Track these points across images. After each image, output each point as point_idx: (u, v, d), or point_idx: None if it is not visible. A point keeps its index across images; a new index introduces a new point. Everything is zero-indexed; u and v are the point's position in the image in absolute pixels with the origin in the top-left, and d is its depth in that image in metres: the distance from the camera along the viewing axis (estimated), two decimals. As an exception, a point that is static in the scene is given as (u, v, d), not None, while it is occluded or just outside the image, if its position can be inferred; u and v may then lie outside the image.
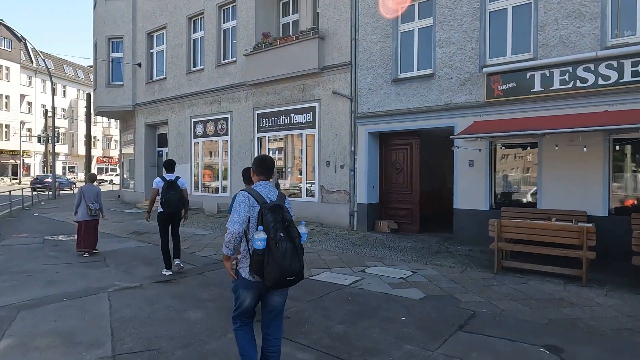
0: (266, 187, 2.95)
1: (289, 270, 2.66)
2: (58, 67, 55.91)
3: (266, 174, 3.04)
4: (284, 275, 2.65)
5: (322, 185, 11.43)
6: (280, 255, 2.62)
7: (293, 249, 2.70)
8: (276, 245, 2.63)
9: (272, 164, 3.10)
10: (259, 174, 3.05)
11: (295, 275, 2.71)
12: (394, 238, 9.86)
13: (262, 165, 3.05)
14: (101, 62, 17.64)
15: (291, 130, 12.27)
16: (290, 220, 2.83)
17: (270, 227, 2.67)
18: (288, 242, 2.68)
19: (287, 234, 2.72)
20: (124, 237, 10.38)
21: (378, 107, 10.37)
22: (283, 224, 2.74)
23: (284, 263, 2.63)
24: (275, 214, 2.74)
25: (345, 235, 10.17)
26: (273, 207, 2.76)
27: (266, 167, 3.05)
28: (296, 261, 2.70)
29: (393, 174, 10.85)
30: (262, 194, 2.86)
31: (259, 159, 3.10)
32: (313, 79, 11.63)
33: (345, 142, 10.99)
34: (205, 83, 14.61)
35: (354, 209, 10.83)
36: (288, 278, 2.68)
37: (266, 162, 3.07)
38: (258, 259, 2.67)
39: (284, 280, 2.67)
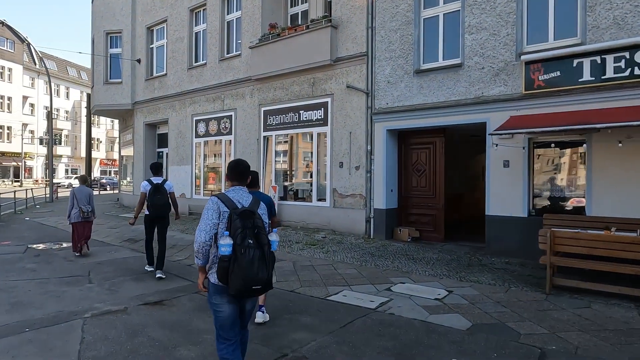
0: (239, 192, 2.87)
1: (255, 278, 2.57)
2: (61, 68, 55.41)
3: (239, 179, 2.93)
4: (250, 284, 2.57)
5: (335, 188, 10.40)
6: (246, 262, 2.54)
7: (261, 257, 2.61)
8: (242, 252, 2.55)
9: (245, 169, 2.97)
10: (232, 179, 2.94)
11: (262, 284, 2.62)
12: (417, 248, 8.79)
13: (234, 170, 2.95)
14: (99, 58, 16.75)
15: (300, 129, 11.26)
16: (262, 227, 2.71)
17: (238, 232, 2.59)
18: (256, 250, 2.59)
19: (256, 241, 2.62)
20: (116, 245, 9.40)
21: (398, 101, 9.33)
22: (253, 231, 2.64)
23: (250, 271, 2.55)
24: (245, 219, 2.65)
25: (361, 244, 9.12)
26: (243, 212, 2.67)
27: (238, 173, 2.94)
28: (264, 269, 2.61)
29: (414, 177, 9.80)
30: (233, 199, 2.78)
31: (233, 163, 3.00)
32: (325, 72, 10.63)
33: (360, 140, 9.96)
34: (207, 79, 13.65)
35: (370, 214, 9.78)
36: (254, 287, 2.59)
37: (239, 167, 2.96)
38: (223, 266, 2.59)
39: (249, 289, 2.59)
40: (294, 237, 9.95)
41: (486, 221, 8.21)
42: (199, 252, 2.73)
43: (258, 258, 2.59)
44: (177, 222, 10.25)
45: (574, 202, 7.64)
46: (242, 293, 2.62)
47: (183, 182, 14.37)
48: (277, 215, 11.48)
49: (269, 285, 2.70)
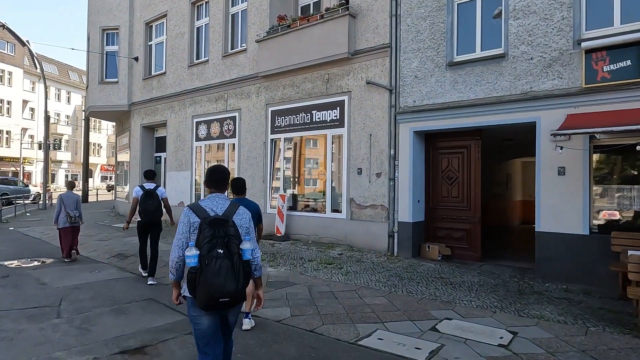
0: (215, 200, 2.75)
1: (222, 290, 2.41)
2: (62, 72, 54.68)
3: (217, 187, 2.82)
4: (216, 296, 2.42)
5: (353, 197, 9.17)
6: (212, 273, 2.41)
7: (230, 267, 2.45)
8: (207, 263, 2.42)
9: (223, 177, 2.85)
10: (209, 186, 2.82)
11: (230, 296, 2.45)
12: (451, 269, 7.53)
13: (212, 177, 2.83)
14: (94, 57, 15.64)
15: (313, 131, 10.05)
16: (234, 235, 2.55)
17: (205, 242, 2.46)
18: (225, 259, 2.45)
19: (226, 250, 2.48)
20: (103, 262, 8.18)
21: (427, 99, 8.12)
22: (224, 239, 2.50)
23: (216, 282, 2.40)
24: (215, 228, 2.51)
25: (384, 264, 7.87)
26: (213, 221, 2.54)
27: (215, 180, 2.82)
28: (232, 280, 2.44)
29: (444, 185, 8.56)
30: (206, 207, 2.67)
31: (210, 170, 2.89)
32: (341, 67, 9.44)
33: (382, 144, 8.74)
34: (209, 77, 12.49)
35: (393, 228, 8.53)
36: (221, 299, 2.43)
37: (217, 174, 2.85)
38: (191, 278, 2.46)
39: (215, 301, 2.44)
40: (305, 254, 8.70)
41: (537, 239, 6.94)
42: (173, 268, 2.65)
43: (226, 269, 2.44)
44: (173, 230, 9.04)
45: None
46: (208, 306, 2.49)
47: (182, 190, 13.17)
48: (286, 228, 10.27)
49: (240, 297, 2.55)
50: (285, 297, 5.86)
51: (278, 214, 10.28)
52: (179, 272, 2.66)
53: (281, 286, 6.38)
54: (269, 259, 8.33)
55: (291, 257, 8.50)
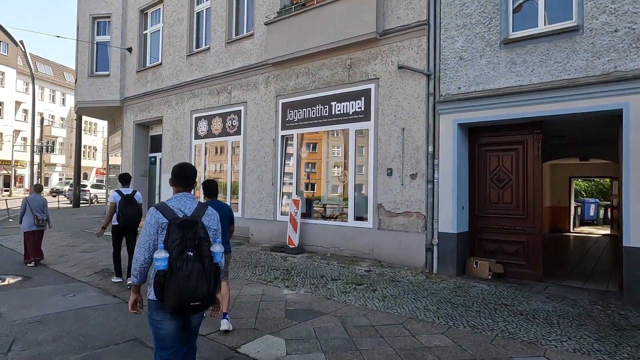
0: (182, 199, 2.63)
1: (193, 294, 2.33)
2: (57, 74, 53.28)
3: (184, 185, 2.69)
4: (187, 300, 2.33)
5: (381, 203, 7.75)
6: (183, 277, 2.31)
7: (201, 271, 2.37)
8: (178, 266, 2.32)
9: (190, 174, 2.72)
10: (175, 184, 2.69)
11: (201, 300, 2.38)
12: (510, 291, 6.10)
13: (178, 175, 2.70)
14: (83, 48, 14.24)
15: (332, 125, 8.65)
16: (204, 237, 2.47)
17: (175, 245, 2.35)
18: (196, 263, 2.36)
19: (197, 253, 2.39)
20: (82, 280, 6.72)
21: (475, 84, 6.75)
22: (194, 242, 2.41)
23: (188, 286, 2.31)
24: (184, 230, 2.41)
25: (425, 284, 6.45)
26: (183, 222, 2.43)
27: (182, 178, 2.69)
28: (203, 284, 2.37)
29: (493, 189, 7.16)
30: (174, 207, 2.54)
31: (177, 167, 2.75)
32: (367, 50, 8.07)
33: (418, 139, 7.35)
34: (211, 67, 11.10)
35: (433, 240, 7.11)
36: (192, 303, 2.35)
37: (183, 172, 2.71)
38: (159, 281, 2.34)
39: (186, 305, 2.35)
40: (326, 271, 7.27)
41: (625, 256, 5.53)
42: (136, 271, 2.48)
43: (197, 272, 2.35)
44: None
45: None
46: (179, 310, 2.38)
47: (179, 194, 11.71)
48: (299, 238, 8.85)
49: (211, 300, 2.48)
50: (314, 334, 4.43)
51: (290, 222, 8.86)
52: (143, 275, 2.52)
53: (305, 317, 4.95)
54: (283, 276, 6.91)
55: (309, 274, 7.07)
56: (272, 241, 9.40)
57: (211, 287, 2.42)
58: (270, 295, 5.90)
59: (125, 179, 6.72)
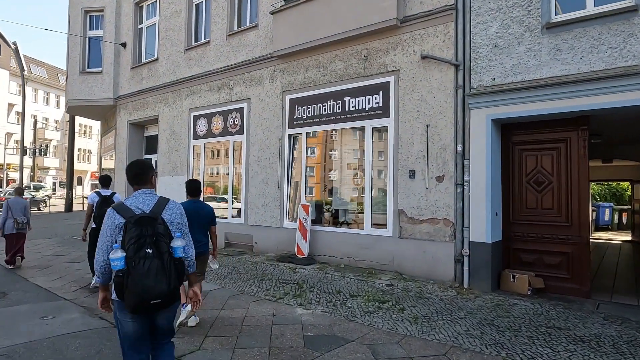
0: (140, 196, 2.59)
1: (153, 292, 2.29)
2: (52, 75, 52.29)
3: (137, 182, 2.66)
4: (146, 298, 2.29)
5: (402, 209, 6.96)
6: (141, 275, 2.28)
7: (160, 267, 2.34)
8: (134, 264, 2.30)
9: (138, 171, 2.68)
10: (131, 183, 2.68)
11: (162, 297, 2.33)
12: (558, 311, 5.30)
13: (128, 172, 2.71)
14: (74, 44, 13.41)
15: (346, 123, 7.86)
16: (162, 233, 2.43)
17: (131, 243, 2.33)
18: (155, 259, 2.33)
19: (156, 250, 2.36)
20: (65, 297, 5.88)
21: (512, 75, 5.98)
22: (152, 238, 2.38)
23: (146, 284, 2.28)
24: (141, 227, 2.38)
25: (458, 301, 5.65)
26: (139, 219, 2.40)
27: (131, 176, 2.68)
28: (163, 281, 2.33)
29: (530, 193, 6.37)
30: (131, 205, 2.51)
31: (129, 165, 2.78)
32: (386, 39, 7.30)
33: (445, 137, 6.57)
34: (211, 61, 10.31)
35: (463, 250, 6.31)
36: (152, 301, 2.31)
37: (130, 170, 2.70)
38: (118, 281, 2.33)
39: (146, 304, 2.31)
40: (342, 285, 6.46)
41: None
42: (99, 272, 2.48)
43: (156, 269, 2.32)
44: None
45: None
46: (138, 309, 2.35)
47: (176, 197, 10.78)
48: (310, 247, 8.04)
49: (173, 297, 2.42)
50: None
51: (299, 230, 8.04)
52: (106, 275, 2.47)
53: (328, 346, 4.13)
54: (295, 292, 6.09)
55: (324, 289, 6.26)
56: (279, 250, 8.58)
57: (172, 284, 2.37)
58: (283, 316, 5.08)
59: (106, 180, 6.72)
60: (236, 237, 9.51)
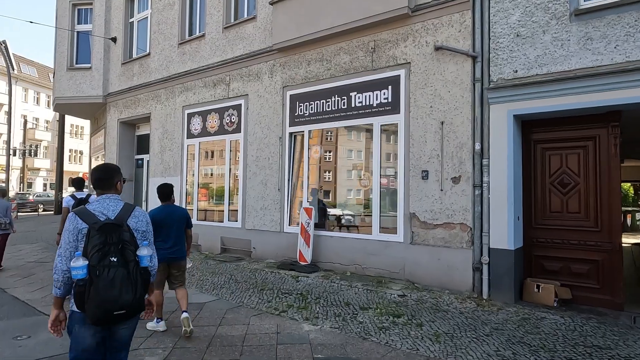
0: (105, 201, 2.44)
1: (117, 302, 2.17)
2: (42, 75, 51.29)
3: (100, 187, 2.50)
4: (110, 309, 2.17)
5: (414, 212, 6.44)
6: (105, 285, 2.14)
7: (126, 276, 2.21)
8: (98, 273, 2.15)
9: (100, 175, 2.51)
10: (94, 187, 2.54)
11: (127, 308, 2.21)
12: (592, 325, 4.81)
13: (92, 177, 2.57)
14: (62, 38, 12.78)
15: (352, 120, 7.33)
16: (128, 241, 2.31)
17: (94, 251, 2.18)
18: (120, 268, 2.20)
19: (122, 258, 2.24)
20: (44, 312, 5.28)
21: (537, 66, 5.48)
22: (118, 246, 2.25)
23: (110, 294, 2.15)
24: (106, 234, 2.24)
25: (480, 315, 5.14)
26: (104, 226, 2.26)
27: (95, 180, 2.51)
28: (129, 291, 2.22)
29: (554, 195, 5.88)
30: (95, 211, 2.35)
31: (93, 168, 2.69)
32: (395, 30, 6.78)
33: (462, 135, 6.07)
34: (206, 56, 9.74)
35: (482, 258, 5.80)
36: (116, 312, 2.18)
37: (92, 175, 2.57)
38: (79, 291, 2.17)
39: (109, 315, 2.18)
40: (350, 295, 5.92)
41: None
42: (59, 282, 2.26)
43: (121, 278, 2.19)
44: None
45: None
46: (101, 321, 2.21)
47: (169, 201, 10.27)
48: (313, 254, 7.51)
49: (138, 307, 2.30)
50: None
51: (301, 235, 7.50)
52: (67, 286, 2.28)
53: (344, 373, 3.60)
54: (299, 303, 5.56)
55: (330, 300, 5.72)
56: (279, 256, 8.03)
57: (138, 294, 2.27)
58: (288, 333, 4.54)
59: (79, 183, 6.56)
60: (233, 242, 8.95)
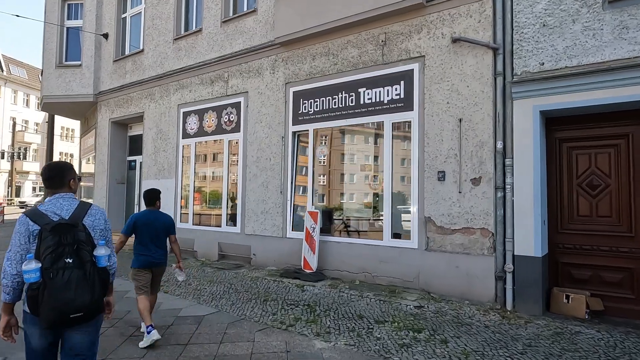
0: (57, 201, 2.33)
1: (73, 305, 2.07)
2: (32, 77, 50.36)
3: (50, 186, 2.40)
4: (65, 312, 2.06)
5: (430, 216, 5.98)
6: (60, 287, 2.05)
7: (82, 278, 2.12)
8: (52, 276, 2.06)
9: (51, 174, 2.41)
10: (46, 187, 2.45)
11: (84, 310, 2.11)
12: (634, 341, 4.37)
13: (43, 176, 2.43)
14: (50, 35, 12.22)
15: (360, 117, 6.88)
16: (84, 241, 2.19)
17: (47, 253, 2.08)
18: (76, 270, 2.10)
19: (77, 259, 2.14)
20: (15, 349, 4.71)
21: (566, 58, 5.07)
22: (73, 247, 2.14)
23: (66, 297, 2.06)
24: (60, 235, 2.13)
25: (507, 329, 4.68)
26: (57, 227, 2.15)
27: (44, 180, 2.42)
28: (85, 292, 2.12)
29: (582, 197, 5.45)
30: (47, 211, 2.25)
31: (43, 167, 2.52)
32: (408, 21, 6.35)
33: (482, 133, 5.63)
34: (203, 52, 9.25)
35: (506, 266, 5.36)
36: (73, 315, 2.09)
37: (43, 173, 2.42)
38: (32, 295, 2.09)
39: (65, 318, 2.08)
40: (363, 307, 5.44)
41: None
42: (7, 287, 2.16)
43: (77, 279, 2.09)
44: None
45: None
46: (57, 324, 2.11)
47: (163, 204, 9.68)
48: (319, 260, 7.02)
49: (97, 309, 2.20)
50: None
51: (306, 241, 7.01)
52: (17, 291, 2.19)
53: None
54: (307, 316, 5.06)
55: (341, 313, 5.24)
56: (281, 263, 7.53)
57: (95, 295, 2.16)
58: (299, 352, 4.05)
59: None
60: (231, 248, 8.43)
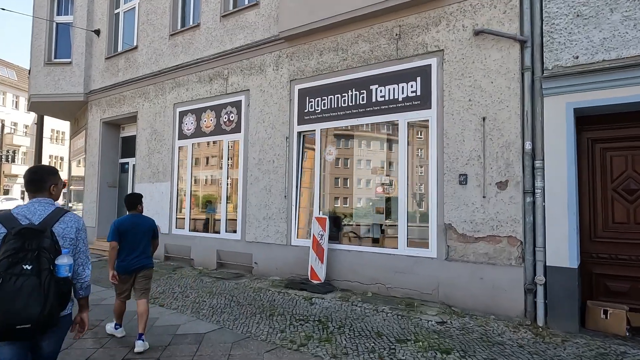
0: (33, 205, 2.25)
1: (20, 315, 1.92)
2: (22, 78, 49.38)
3: (30, 189, 2.34)
4: (11, 322, 1.92)
5: (450, 223, 5.52)
6: (9, 295, 1.91)
7: (36, 287, 1.97)
8: (2, 282, 1.93)
9: (31, 177, 2.33)
10: (26, 190, 2.38)
11: (32, 322, 1.94)
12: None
13: (25, 178, 2.35)
14: (39, 31, 11.64)
15: (372, 116, 6.41)
16: (46, 248, 2.06)
17: (4, 257, 1.97)
18: (32, 277, 1.97)
19: (36, 266, 2.01)
20: None
21: (604, 51, 4.66)
22: (34, 253, 2.03)
23: (11, 306, 1.91)
24: (24, 240, 2.03)
25: (543, 349, 4.21)
26: (22, 231, 2.06)
27: (26, 182, 2.34)
28: (37, 303, 1.96)
29: (618, 203, 5.03)
30: (19, 215, 2.17)
31: (26, 170, 2.45)
32: (425, 13, 5.92)
33: (508, 133, 5.19)
34: (201, 48, 8.75)
35: (537, 277, 4.90)
36: (19, 326, 1.93)
37: (27, 174, 2.35)
38: None
39: (11, 329, 1.93)
40: (379, 323, 4.94)
41: None
42: None
43: (31, 288, 1.95)
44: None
45: None
46: (4, 335, 1.96)
47: (158, 208, 9.19)
48: (327, 270, 6.52)
49: (50, 323, 2.02)
50: None
51: (313, 249, 6.51)
52: None
53: None
54: (320, 334, 4.56)
55: (357, 330, 4.74)
56: (285, 273, 7.02)
57: (48, 306, 1.99)
58: (317, 379, 3.55)
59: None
60: (231, 257, 7.90)
